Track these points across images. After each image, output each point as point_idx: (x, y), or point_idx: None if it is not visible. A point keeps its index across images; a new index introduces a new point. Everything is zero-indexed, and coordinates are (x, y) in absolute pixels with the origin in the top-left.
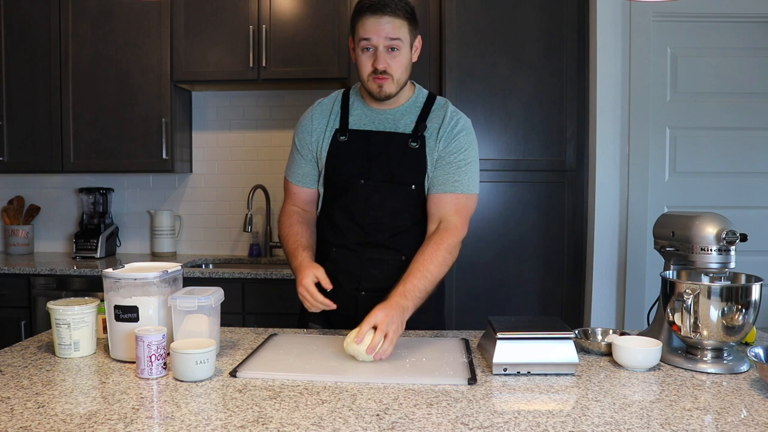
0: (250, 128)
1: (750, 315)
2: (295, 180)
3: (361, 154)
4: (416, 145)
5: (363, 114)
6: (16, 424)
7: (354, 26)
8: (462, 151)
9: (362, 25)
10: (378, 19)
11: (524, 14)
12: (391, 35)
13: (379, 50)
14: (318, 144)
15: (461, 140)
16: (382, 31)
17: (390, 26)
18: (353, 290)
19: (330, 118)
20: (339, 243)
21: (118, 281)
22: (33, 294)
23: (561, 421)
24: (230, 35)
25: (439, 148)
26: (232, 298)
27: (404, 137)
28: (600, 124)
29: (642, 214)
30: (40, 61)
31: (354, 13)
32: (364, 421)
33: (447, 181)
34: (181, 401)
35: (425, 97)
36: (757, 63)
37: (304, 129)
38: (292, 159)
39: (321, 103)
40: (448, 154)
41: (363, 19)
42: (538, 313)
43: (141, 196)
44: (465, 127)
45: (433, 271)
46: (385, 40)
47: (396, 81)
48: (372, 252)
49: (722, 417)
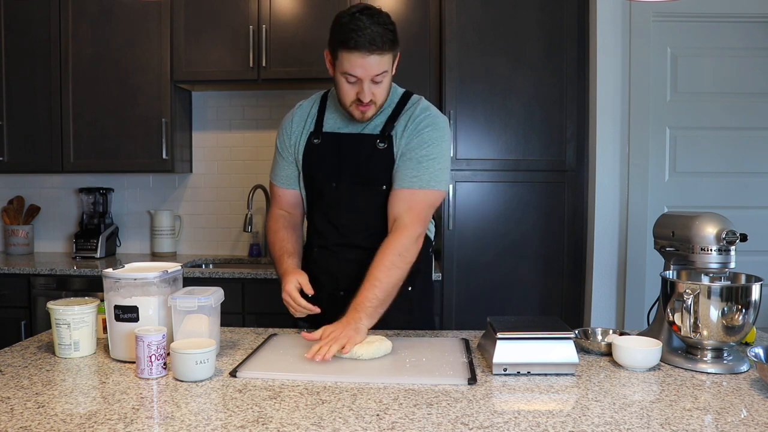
0: (250, 128)
1: (750, 315)
2: (279, 182)
3: (332, 156)
4: (384, 146)
5: (337, 117)
6: (16, 424)
7: (336, 53)
8: (425, 146)
9: (348, 60)
10: (366, 57)
11: (524, 14)
12: (377, 71)
13: (365, 84)
14: (296, 146)
15: (425, 135)
16: (370, 69)
17: (377, 64)
18: (334, 290)
19: (307, 121)
20: (320, 244)
21: (118, 281)
22: (33, 294)
23: (561, 421)
24: (230, 35)
25: (402, 144)
26: (232, 298)
27: (372, 138)
28: (600, 124)
29: (642, 214)
30: (40, 61)
31: (337, 41)
32: (364, 421)
33: (405, 177)
34: (181, 401)
35: (399, 97)
36: (757, 63)
37: (284, 131)
38: (275, 161)
39: (301, 106)
40: (410, 150)
41: (349, 53)
42: (538, 313)
43: (141, 196)
44: (433, 123)
45: (382, 279)
46: (369, 76)
47: (378, 106)
48: (349, 252)
49: (722, 417)
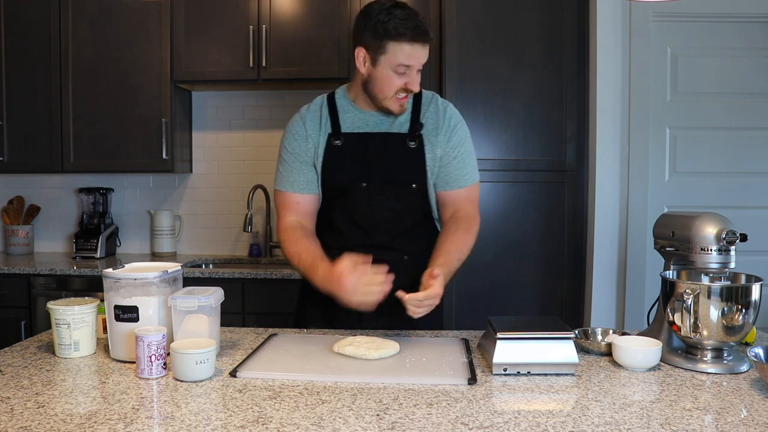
0: (250, 128)
1: (750, 315)
2: (297, 188)
3: (359, 157)
4: (414, 144)
5: (355, 117)
6: (16, 424)
7: (383, 46)
8: (462, 144)
9: (402, 51)
10: (421, 47)
11: (524, 14)
12: (425, 60)
13: (413, 73)
14: (315, 149)
15: (460, 133)
16: (422, 58)
17: (425, 52)
18: None
19: (321, 123)
20: (340, 245)
21: (118, 281)
22: (33, 294)
23: (561, 421)
24: (230, 35)
25: (441, 144)
26: (232, 298)
27: (401, 137)
28: (600, 124)
29: (642, 214)
30: (40, 61)
31: (386, 34)
32: (364, 421)
33: (458, 177)
34: (181, 401)
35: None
36: (757, 63)
37: (297, 136)
38: (289, 168)
39: (309, 110)
40: (452, 149)
41: (404, 44)
42: (538, 313)
43: (141, 196)
44: (459, 118)
45: (465, 254)
46: (419, 65)
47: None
48: (374, 253)
49: (722, 417)
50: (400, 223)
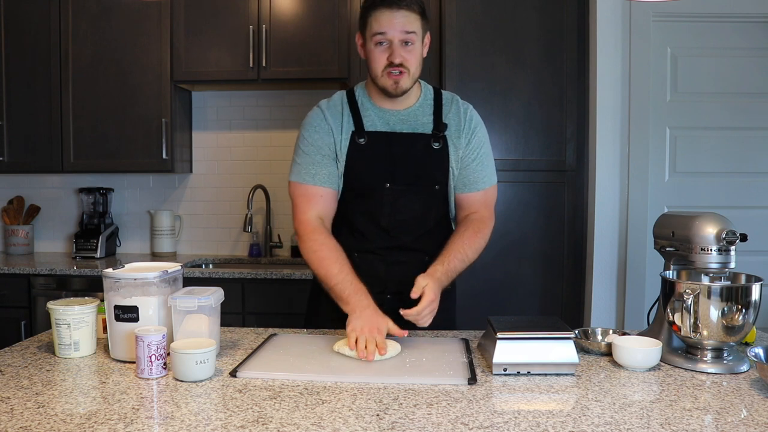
0: (250, 128)
1: (750, 315)
2: (321, 182)
3: (382, 156)
4: (438, 146)
5: (377, 115)
6: (16, 424)
7: (366, 20)
8: (482, 146)
9: (376, 19)
10: (394, 12)
11: (524, 14)
12: (407, 28)
13: (395, 44)
14: (338, 145)
15: (480, 135)
16: (398, 25)
17: (405, 19)
18: (379, 294)
19: (343, 119)
20: (361, 248)
21: (118, 281)
22: (33, 294)
23: (561, 421)
24: (230, 35)
25: (462, 146)
26: (232, 298)
27: (426, 138)
28: (600, 124)
29: (642, 214)
30: (40, 61)
31: (366, 7)
32: (364, 421)
33: (477, 180)
34: (181, 401)
35: (433, 93)
36: (757, 63)
37: (320, 129)
38: (310, 160)
39: (329, 104)
40: (472, 151)
41: (377, 12)
42: (538, 313)
43: (141, 196)
44: (478, 120)
45: (470, 256)
46: (400, 34)
47: (411, 76)
48: (397, 255)
49: (722, 417)
50: (423, 225)
